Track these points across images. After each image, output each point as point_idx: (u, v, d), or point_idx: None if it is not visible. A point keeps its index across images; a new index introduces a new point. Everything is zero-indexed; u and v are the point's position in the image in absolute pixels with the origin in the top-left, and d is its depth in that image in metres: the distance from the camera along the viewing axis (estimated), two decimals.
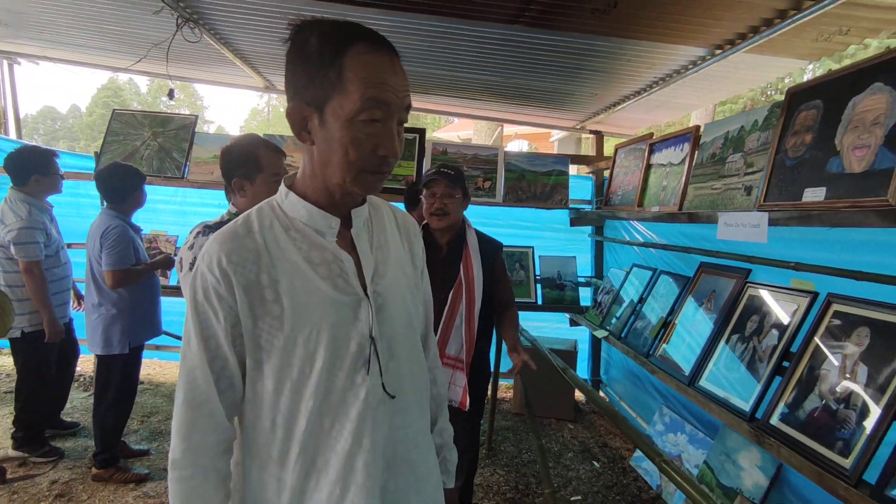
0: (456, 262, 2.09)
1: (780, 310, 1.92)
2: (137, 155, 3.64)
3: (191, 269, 1.50)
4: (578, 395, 4.17)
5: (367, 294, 0.89)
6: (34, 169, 2.69)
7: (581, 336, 4.17)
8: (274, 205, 0.90)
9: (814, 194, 1.55)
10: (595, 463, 3.11)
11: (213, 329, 0.84)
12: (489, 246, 2.20)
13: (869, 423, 1.40)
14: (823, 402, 1.56)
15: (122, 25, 2.78)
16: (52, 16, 2.80)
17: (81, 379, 3.97)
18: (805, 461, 1.50)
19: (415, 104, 4.33)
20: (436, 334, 1.98)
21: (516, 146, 17.64)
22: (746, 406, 1.83)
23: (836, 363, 1.59)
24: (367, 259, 0.91)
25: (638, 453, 3.08)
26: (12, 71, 4.09)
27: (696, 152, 2.32)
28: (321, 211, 0.87)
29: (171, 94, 3.30)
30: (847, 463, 1.40)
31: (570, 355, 3.93)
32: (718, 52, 2.29)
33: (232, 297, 0.83)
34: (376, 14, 2.31)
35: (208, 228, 1.63)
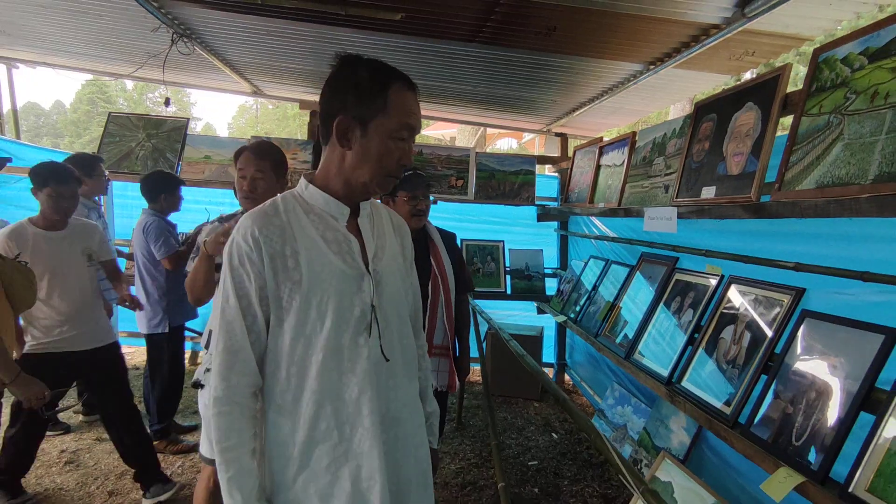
0: (425, 256, 2.16)
1: (696, 291, 2.25)
2: (133, 155, 3.90)
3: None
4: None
5: (368, 270, 1.07)
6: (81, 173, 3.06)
7: (548, 323, 4.50)
8: (295, 194, 1.09)
9: (707, 192, 1.88)
10: (554, 434, 3.44)
11: (246, 289, 1.00)
12: (448, 237, 2.34)
13: (745, 378, 1.73)
14: (718, 364, 1.89)
15: (121, 38, 3.05)
16: (53, 28, 3.05)
17: None
18: (701, 412, 1.83)
19: None
20: (423, 326, 2.16)
21: (505, 144, 18.02)
22: (665, 372, 2.16)
23: (729, 331, 1.92)
24: (370, 243, 1.10)
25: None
26: (10, 75, 4.32)
27: (633, 155, 2.65)
28: (336, 200, 1.07)
29: (167, 103, 3.56)
30: (728, 410, 1.73)
31: (536, 340, 4.26)
32: (652, 67, 2.62)
33: (261, 262, 1.00)
34: (354, 33, 2.60)
35: (220, 219, 2.00)
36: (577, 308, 3.40)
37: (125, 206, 4.54)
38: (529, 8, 2.06)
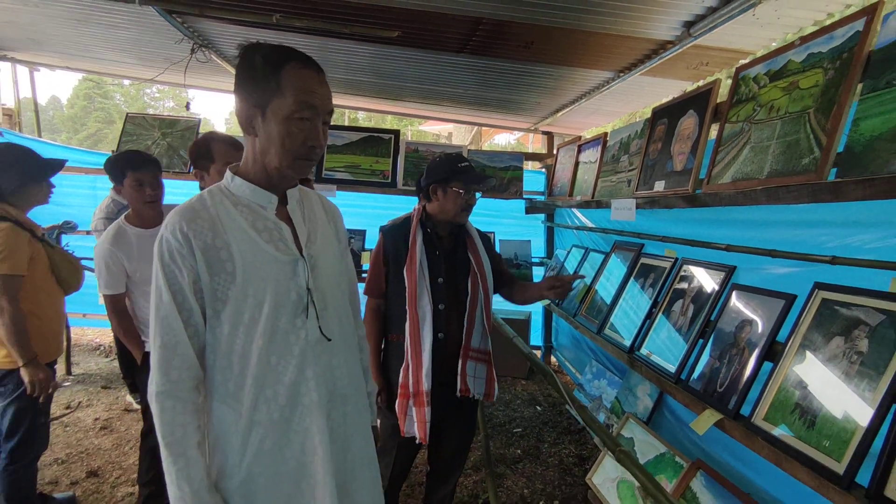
0: (462, 251, 2.01)
1: (656, 272, 2.58)
2: (149, 153, 4.21)
3: None
4: None
5: (302, 255, 1.10)
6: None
7: (535, 309, 4.84)
8: (221, 187, 1.09)
9: (659, 185, 2.21)
10: (538, 407, 3.79)
11: (179, 284, 1.01)
12: (483, 234, 2.17)
13: (688, 341, 2.06)
14: (669, 333, 2.23)
15: (146, 47, 3.36)
16: (83, 38, 3.35)
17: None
18: (653, 373, 2.16)
19: (390, 109, 4.95)
20: (462, 326, 1.91)
21: (503, 139, 18.45)
22: (628, 343, 2.49)
23: (679, 305, 2.25)
24: (301, 228, 1.13)
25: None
26: (32, 77, 4.61)
27: (604, 153, 2.98)
28: (262, 189, 1.08)
29: (187, 107, 3.86)
30: (673, 369, 2.06)
31: (524, 324, 4.60)
32: (621, 74, 2.94)
33: (192, 257, 1.00)
34: (356, 45, 2.91)
35: None
36: None
37: None
38: (508, 26, 2.38)
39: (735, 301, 1.90)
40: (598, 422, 1.61)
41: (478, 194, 2.01)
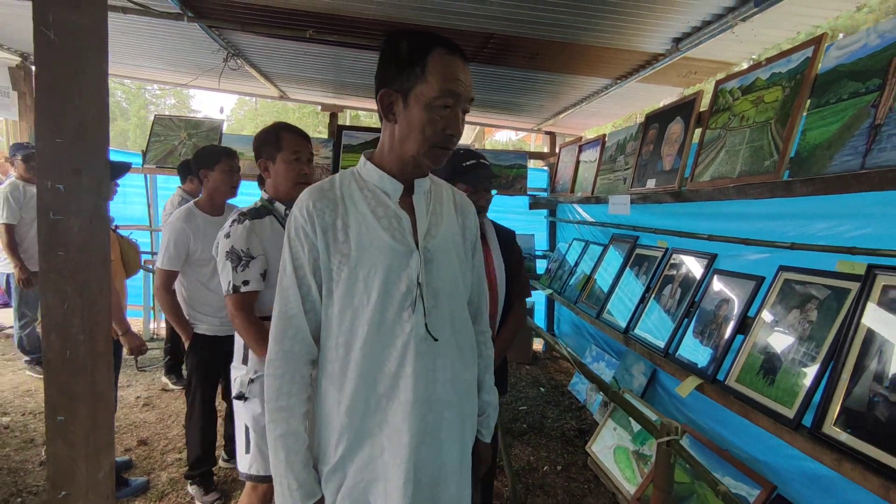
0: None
1: (649, 261, 2.86)
2: (175, 153, 4.48)
3: (226, 256, 1.69)
4: (536, 346, 5.14)
5: (418, 248, 1.05)
6: (188, 170, 3.43)
7: (539, 299, 5.13)
8: (354, 171, 1.11)
9: (650, 183, 2.49)
10: (541, 388, 4.08)
11: (301, 259, 1.04)
12: (505, 236, 2.03)
13: (675, 319, 2.34)
14: (658, 314, 2.51)
15: (181, 55, 3.63)
16: (120, 47, 3.62)
17: None
18: (646, 349, 2.44)
19: None
20: None
21: (504, 136, 18.83)
22: (624, 324, 2.78)
23: (668, 289, 2.53)
24: (423, 220, 1.08)
25: (574, 379, 4.06)
26: None
27: (603, 153, 3.26)
28: (389, 176, 1.06)
29: (221, 111, 4.13)
30: (662, 344, 2.35)
31: (527, 313, 4.89)
32: (618, 81, 3.22)
33: (314, 234, 1.03)
34: (374, 53, 3.18)
35: (242, 215, 1.75)
36: (561, 282, 4.02)
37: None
38: (516, 40, 2.66)
39: (716, 284, 2.19)
40: (593, 373, 1.90)
41: (493, 191, 1.92)
